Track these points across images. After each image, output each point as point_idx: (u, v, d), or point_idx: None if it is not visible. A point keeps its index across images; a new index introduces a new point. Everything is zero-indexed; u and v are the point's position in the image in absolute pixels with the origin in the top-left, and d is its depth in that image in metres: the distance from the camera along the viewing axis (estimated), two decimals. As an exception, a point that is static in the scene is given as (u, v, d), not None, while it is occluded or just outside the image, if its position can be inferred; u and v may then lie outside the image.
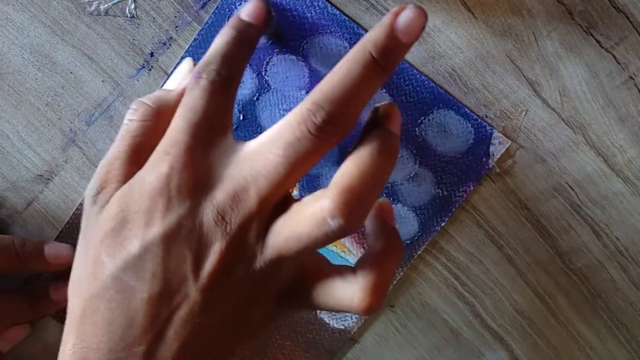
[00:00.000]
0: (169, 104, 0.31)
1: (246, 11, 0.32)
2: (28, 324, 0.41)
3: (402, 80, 0.38)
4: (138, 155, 0.30)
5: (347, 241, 0.41)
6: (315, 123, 0.27)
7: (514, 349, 0.42)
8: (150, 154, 0.29)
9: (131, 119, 0.31)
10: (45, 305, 0.40)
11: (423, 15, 0.27)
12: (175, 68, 0.39)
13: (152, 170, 0.28)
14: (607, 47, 0.38)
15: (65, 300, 0.40)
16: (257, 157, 0.28)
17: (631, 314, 0.41)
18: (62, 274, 0.41)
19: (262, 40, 0.38)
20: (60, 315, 0.42)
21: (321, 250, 0.41)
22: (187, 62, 0.35)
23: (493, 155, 0.39)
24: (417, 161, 0.39)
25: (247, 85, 0.39)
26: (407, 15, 0.27)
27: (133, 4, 0.38)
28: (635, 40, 0.37)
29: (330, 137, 0.27)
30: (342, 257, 0.41)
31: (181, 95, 0.31)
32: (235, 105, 0.39)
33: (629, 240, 0.40)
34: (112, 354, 0.27)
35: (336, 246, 0.41)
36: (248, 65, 0.38)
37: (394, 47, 0.27)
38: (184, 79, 0.33)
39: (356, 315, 0.42)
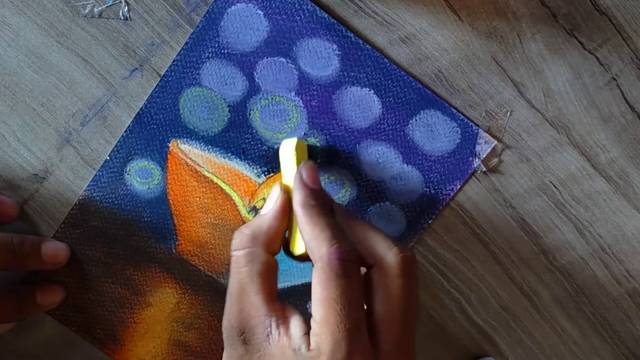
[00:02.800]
0: (262, 229, 0.34)
1: (308, 178, 0.35)
2: None
3: (390, 81, 0.39)
4: (255, 284, 0.33)
5: None
6: None
7: (499, 344, 0.43)
8: (260, 277, 0.33)
9: (234, 249, 0.34)
10: (30, 308, 0.41)
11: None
12: (167, 69, 0.39)
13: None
14: (590, 48, 0.38)
15: (50, 305, 0.41)
16: None
17: (613, 309, 0.42)
18: (53, 276, 0.42)
19: (253, 44, 0.39)
20: (56, 313, 0.43)
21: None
22: (276, 186, 0.36)
23: (479, 154, 0.40)
24: (405, 160, 0.40)
25: (237, 87, 0.40)
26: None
27: (126, 7, 0.39)
28: (618, 42, 0.38)
29: None
30: None
31: (273, 217, 0.35)
32: (226, 107, 0.40)
33: (611, 238, 0.41)
34: None
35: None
36: (238, 67, 0.39)
37: None
38: (275, 202, 0.35)
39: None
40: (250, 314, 0.32)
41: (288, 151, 0.37)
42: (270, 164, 0.41)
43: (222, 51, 0.39)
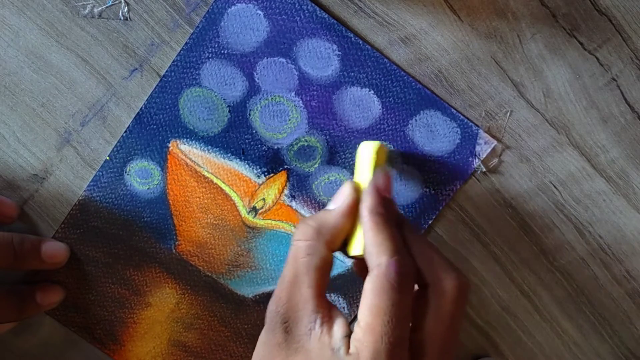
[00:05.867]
0: (327, 224, 0.34)
1: (382, 186, 0.35)
2: None
3: (390, 82, 0.39)
4: (309, 277, 0.33)
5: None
6: None
7: (499, 344, 0.43)
8: (316, 271, 0.33)
9: (297, 239, 0.34)
10: (30, 308, 0.41)
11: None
12: (167, 70, 0.39)
13: None
14: (590, 49, 0.38)
15: (50, 305, 0.41)
16: None
17: (613, 309, 0.42)
18: (53, 276, 0.42)
19: (253, 45, 0.39)
20: (56, 313, 0.43)
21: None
22: (347, 185, 0.36)
23: (479, 154, 0.40)
24: (405, 160, 0.40)
25: (237, 87, 0.40)
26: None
27: (126, 7, 0.39)
28: (618, 42, 0.38)
29: None
30: None
31: (340, 215, 0.34)
32: (226, 107, 0.40)
33: (611, 238, 0.41)
34: None
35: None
36: (238, 67, 0.39)
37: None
38: (344, 200, 0.35)
39: (346, 311, 0.42)
40: (298, 306, 0.32)
41: (367, 153, 0.36)
42: (270, 164, 0.41)
43: (222, 51, 0.39)
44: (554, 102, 0.39)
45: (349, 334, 0.31)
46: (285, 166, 0.41)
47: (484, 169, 0.40)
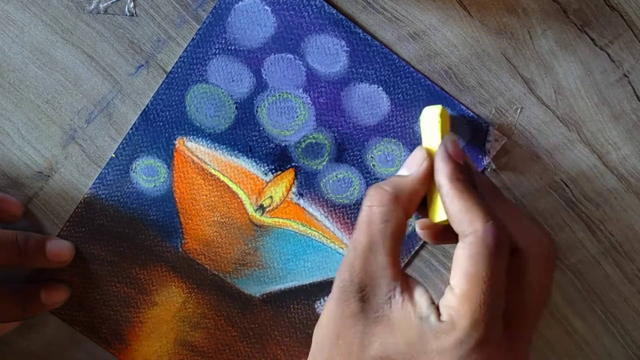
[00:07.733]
0: (404, 190, 0.33)
1: (453, 152, 0.34)
2: None
3: (398, 78, 0.39)
4: (386, 245, 0.32)
5: (333, 226, 0.41)
6: None
7: (509, 343, 0.42)
8: (393, 239, 0.32)
9: (370, 204, 0.32)
10: (35, 307, 0.40)
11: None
12: (173, 66, 0.39)
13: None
14: (602, 45, 0.38)
15: (55, 304, 0.41)
16: None
17: (625, 309, 0.41)
18: (58, 275, 0.42)
19: (261, 40, 0.39)
20: (61, 312, 0.43)
21: (302, 241, 0.41)
22: (421, 150, 0.35)
23: (489, 152, 0.39)
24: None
25: (245, 84, 0.39)
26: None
27: (132, 3, 0.39)
28: (629, 38, 0.38)
29: None
30: (323, 245, 0.41)
31: (417, 180, 0.34)
32: (233, 104, 0.40)
33: (622, 236, 0.40)
34: None
35: (320, 232, 0.41)
36: (245, 64, 0.39)
37: None
38: (419, 165, 0.35)
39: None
40: (376, 274, 0.31)
41: (432, 118, 0.36)
42: (277, 162, 0.40)
43: (229, 47, 0.39)
44: (565, 99, 0.39)
45: (433, 302, 0.31)
46: (293, 164, 0.40)
47: (494, 167, 0.40)
